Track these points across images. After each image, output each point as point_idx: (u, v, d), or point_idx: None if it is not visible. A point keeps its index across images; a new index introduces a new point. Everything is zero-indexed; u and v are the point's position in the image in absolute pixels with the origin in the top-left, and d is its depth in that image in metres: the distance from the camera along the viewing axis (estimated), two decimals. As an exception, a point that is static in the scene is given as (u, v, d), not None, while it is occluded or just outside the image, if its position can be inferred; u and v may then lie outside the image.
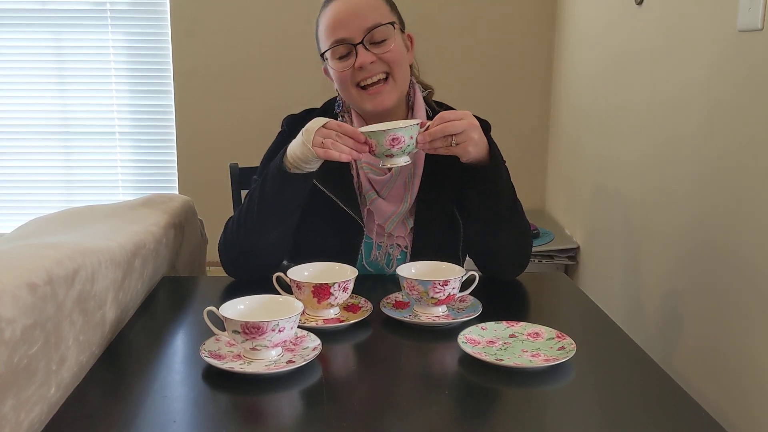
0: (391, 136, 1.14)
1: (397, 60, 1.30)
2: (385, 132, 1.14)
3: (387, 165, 1.19)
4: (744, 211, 1.30)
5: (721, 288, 1.38)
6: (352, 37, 1.27)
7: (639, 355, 1.01)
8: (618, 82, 2.03)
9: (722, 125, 1.39)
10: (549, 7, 2.80)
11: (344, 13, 1.28)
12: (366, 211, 1.35)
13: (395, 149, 1.15)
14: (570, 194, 2.57)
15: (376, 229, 1.35)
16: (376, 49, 1.28)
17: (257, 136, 2.86)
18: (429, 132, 1.17)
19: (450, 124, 1.17)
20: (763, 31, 1.24)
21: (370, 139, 1.15)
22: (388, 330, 1.09)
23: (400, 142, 1.15)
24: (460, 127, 1.17)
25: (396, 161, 1.17)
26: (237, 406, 0.85)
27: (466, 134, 1.18)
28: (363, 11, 1.28)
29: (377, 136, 1.15)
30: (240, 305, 0.97)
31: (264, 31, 2.83)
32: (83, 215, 1.28)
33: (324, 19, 1.33)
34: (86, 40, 2.92)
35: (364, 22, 1.27)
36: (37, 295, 0.78)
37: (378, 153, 1.17)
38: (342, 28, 1.28)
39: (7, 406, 0.72)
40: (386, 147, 1.15)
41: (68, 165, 3.05)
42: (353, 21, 1.27)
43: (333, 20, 1.30)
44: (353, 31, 1.27)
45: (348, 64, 1.28)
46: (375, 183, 1.34)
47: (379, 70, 1.28)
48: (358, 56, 1.27)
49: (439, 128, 1.16)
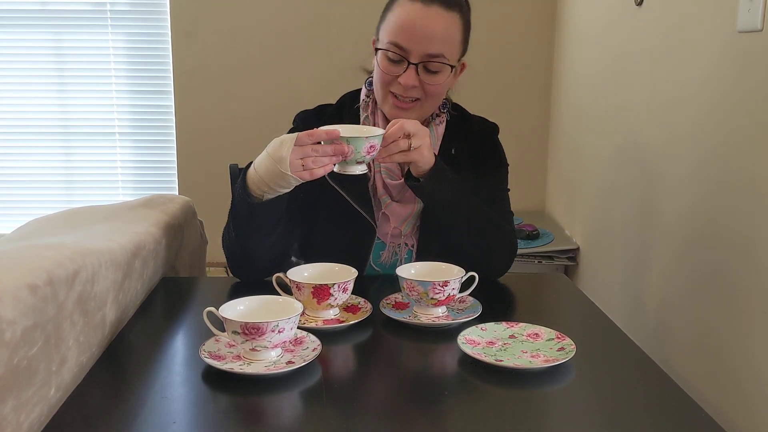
0: (369, 144, 1.11)
1: (436, 95, 1.29)
2: (366, 139, 1.10)
3: (346, 171, 1.13)
4: (744, 211, 1.30)
5: (721, 289, 1.38)
6: (410, 53, 1.23)
7: (638, 355, 1.01)
8: (618, 82, 2.03)
9: (722, 126, 1.39)
10: (549, 7, 2.80)
11: (420, 24, 1.22)
12: (380, 215, 1.35)
13: (368, 156, 1.12)
14: (570, 195, 2.57)
15: (391, 231, 1.35)
16: (424, 76, 1.25)
17: (257, 137, 2.85)
18: (389, 133, 1.13)
19: (405, 122, 1.14)
20: (762, 32, 1.24)
21: (348, 145, 1.10)
22: (388, 331, 1.09)
23: (374, 149, 1.12)
24: (413, 128, 1.14)
25: (355, 169, 1.13)
26: (237, 407, 0.85)
27: (419, 137, 1.15)
28: (435, 35, 1.23)
29: (356, 143, 1.10)
30: (240, 306, 0.97)
31: (264, 31, 2.83)
32: (83, 216, 1.28)
33: (400, 11, 1.25)
34: (86, 40, 2.92)
35: (429, 47, 1.23)
36: (38, 296, 0.78)
37: (350, 159, 1.11)
38: (408, 38, 1.23)
39: (7, 407, 0.72)
40: (362, 154, 1.11)
41: (68, 165, 3.04)
42: (421, 39, 1.22)
43: (404, 24, 1.23)
44: (415, 49, 1.23)
45: (395, 71, 1.25)
46: (391, 187, 1.34)
47: (415, 95, 1.26)
48: (405, 75, 1.24)
49: (396, 127, 1.13)
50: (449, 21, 1.24)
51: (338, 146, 1.09)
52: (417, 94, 1.27)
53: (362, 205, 1.32)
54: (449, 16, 1.24)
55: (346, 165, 1.13)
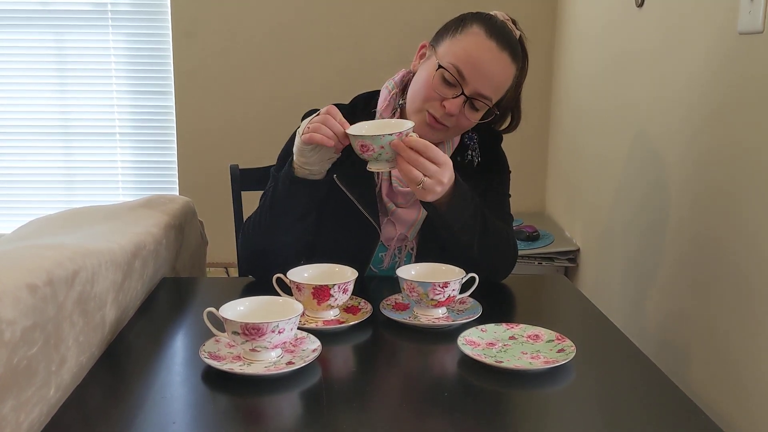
0: (359, 143, 1.11)
1: (464, 128, 1.31)
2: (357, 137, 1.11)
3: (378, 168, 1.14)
4: (744, 212, 1.30)
5: (722, 291, 1.38)
6: (467, 84, 1.24)
7: (638, 357, 1.01)
8: (618, 83, 2.03)
9: (723, 127, 1.39)
10: (549, 7, 2.80)
11: (485, 62, 1.24)
12: (385, 220, 1.35)
13: (365, 155, 1.12)
14: (570, 196, 2.57)
15: (397, 236, 1.35)
16: (466, 110, 1.26)
17: (258, 137, 2.88)
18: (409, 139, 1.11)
19: (426, 163, 1.11)
20: (763, 33, 1.24)
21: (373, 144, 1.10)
22: (388, 331, 1.09)
23: (368, 149, 1.11)
24: (432, 171, 1.12)
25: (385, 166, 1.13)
26: (236, 408, 0.85)
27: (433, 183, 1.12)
28: (496, 78, 1.26)
29: (375, 142, 1.10)
30: (240, 306, 0.97)
31: (264, 31, 2.83)
32: (83, 216, 1.28)
33: (472, 39, 1.25)
34: (87, 40, 2.92)
35: (485, 87, 1.25)
36: (38, 297, 0.78)
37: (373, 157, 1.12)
38: (472, 70, 1.23)
39: (6, 407, 0.72)
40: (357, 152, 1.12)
41: (68, 165, 3.05)
42: (483, 77, 1.24)
43: (474, 57, 1.24)
44: (473, 82, 1.24)
45: (443, 92, 1.25)
46: (399, 194, 1.34)
47: (447, 122, 1.27)
48: (453, 102, 1.24)
49: (414, 158, 1.11)
50: (510, 71, 1.29)
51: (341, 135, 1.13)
52: (450, 123, 1.27)
53: (368, 209, 1.32)
54: (512, 67, 1.29)
55: (375, 163, 1.13)
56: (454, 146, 1.38)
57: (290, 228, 1.26)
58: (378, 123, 1.23)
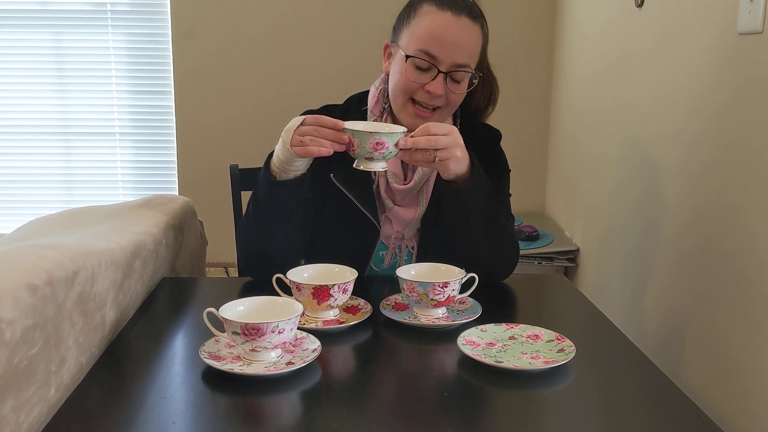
0: (375, 140, 1.10)
1: (456, 103, 1.30)
2: (371, 135, 1.10)
3: (362, 167, 1.14)
4: (744, 213, 1.30)
5: (721, 290, 1.38)
6: (441, 62, 1.24)
7: (638, 357, 1.01)
8: (618, 83, 2.03)
9: (722, 128, 1.39)
10: (549, 7, 2.80)
11: (452, 35, 1.23)
12: (383, 218, 1.35)
13: (376, 153, 1.11)
14: (570, 196, 2.57)
15: (394, 234, 1.36)
16: (450, 85, 1.26)
17: (257, 137, 2.88)
18: (413, 140, 1.13)
19: (435, 139, 1.13)
20: (763, 34, 1.24)
21: (353, 138, 1.11)
22: (388, 332, 1.09)
23: (382, 147, 1.11)
24: (444, 143, 1.13)
25: (373, 165, 1.13)
26: (236, 408, 0.85)
27: (450, 150, 1.14)
28: (465, 44, 1.25)
29: (361, 137, 1.11)
30: (240, 306, 0.97)
31: (264, 31, 2.83)
32: (83, 216, 1.28)
33: (429, 19, 1.25)
34: (87, 40, 2.92)
35: (458, 57, 1.24)
36: (38, 297, 0.78)
37: (357, 154, 1.13)
38: (440, 48, 1.23)
39: (6, 407, 0.72)
40: (368, 150, 1.11)
41: (68, 165, 3.05)
42: (452, 48, 1.23)
43: (437, 33, 1.23)
44: (446, 57, 1.24)
45: (422, 79, 1.25)
46: (397, 192, 1.34)
47: (439, 103, 1.27)
48: (434, 83, 1.24)
49: (424, 140, 1.12)
50: (475, 32, 1.28)
51: (339, 135, 1.12)
52: (440, 103, 1.27)
53: (366, 207, 1.32)
54: (475, 27, 1.28)
55: (361, 160, 1.14)
56: None
57: (280, 228, 1.26)
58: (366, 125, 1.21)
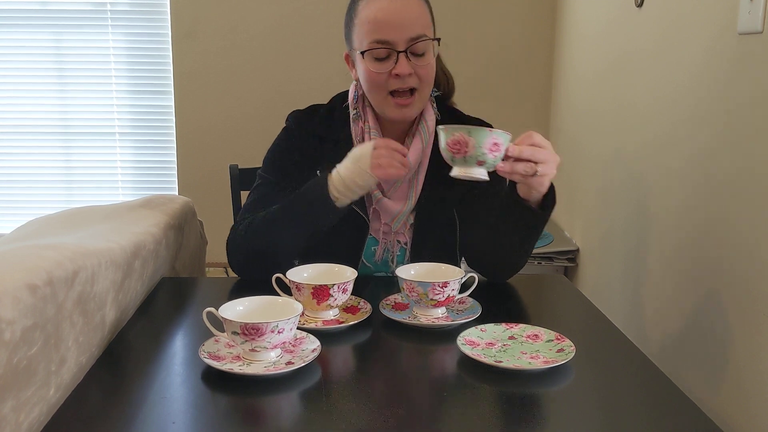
0: (493, 139, 0.99)
1: (429, 77, 1.29)
2: (491, 133, 0.99)
3: (463, 174, 1.03)
4: (743, 213, 1.30)
5: (721, 290, 1.38)
6: (395, 43, 1.24)
7: (638, 357, 1.01)
8: (618, 83, 2.03)
9: (722, 127, 1.39)
10: (549, 7, 2.80)
11: (395, 14, 1.23)
12: (371, 210, 1.35)
13: (490, 155, 1.00)
14: (570, 196, 2.57)
15: (382, 228, 1.36)
16: (415, 61, 1.25)
17: (257, 137, 2.87)
18: (519, 148, 1.05)
19: (539, 150, 1.07)
20: (763, 33, 1.24)
21: (469, 137, 0.99)
22: (388, 331, 1.09)
23: (497, 149, 1.00)
24: (545, 156, 1.08)
25: (477, 172, 1.02)
26: (236, 408, 0.85)
27: (549, 166, 1.09)
28: (411, 18, 1.24)
29: (479, 136, 0.99)
30: (239, 306, 0.97)
31: (264, 31, 2.83)
32: (83, 216, 1.28)
33: (369, 11, 1.25)
34: (86, 40, 2.92)
35: (410, 31, 1.24)
36: (37, 297, 0.78)
37: (469, 156, 1.00)
38: (389, 29, 1.23)
39: (6, 407, 0.72)
40: (484, 150, 0.99)
41: (68, 165, 3.05)
42: (400, 26, 1.23)
43: (380, 19, 1.24)
44: (399, 37, 1.24)
45: (385, 67, 1.25)
46: (383, 183, 1.34)
47: (411, 83, 1.27)
48: (399, 64, 1.24)
49: (529, 150, 1.06)
50: (416, 3, 1.26)
51: (458, 138, 1.01)
52: (414, 83, 1.27)
53: (354, 201, 1.32)
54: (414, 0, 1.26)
55: (466, 164, 1.02)
56: (430, 133, 1.35)
57: (299, 239, 1.26)
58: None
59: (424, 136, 1.34)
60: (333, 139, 1.36)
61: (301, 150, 1.37)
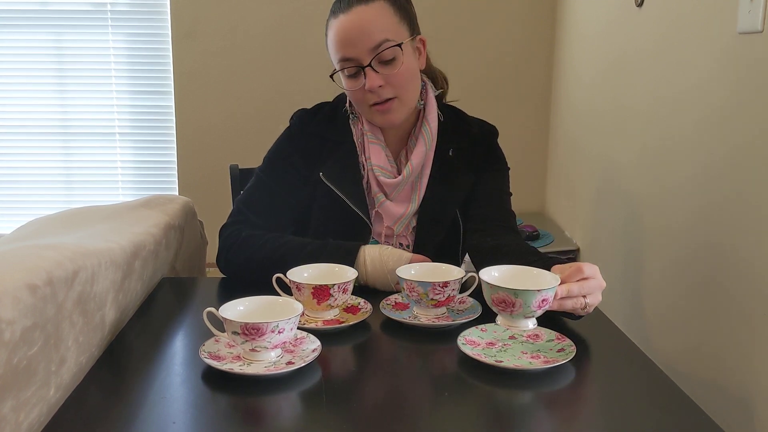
0: (542, 297, 0.93)
1: (405, 82, 1.27)
2: (538, 293, 0.92)
3: (512, 327, 0.97)
4: (744, 213, 1.30)
5: (721, 289, 1.38)
6: (359, 58, 1.24)
7: (638, 356, 1.01)
8: (618, 83, 2.03)
9: (722, 127, 1.39)
10: (549, 8, 2.80)
11: (350, 29, 1.23)
12: (374, 213, 1.35)
13: (539, 311, 0.94)
14: (570, 196, 2.57)
15: (384, 231, 1.36)
16: (385, 70, 1.25)
17: (258, 137, 2.87)
18: (568, 289, 0.99)
19: (587, 284, 1.01)
20: (763, 33, 1.24)
21: (516, 299, 0.93)
22: (388, 331, 1.09)
23: (546, 303, 0.94)
24: (593, 287, 1.02)
25: (526, 324, 0.96)
26: (236, 408, 0.85)
27: (596, 296, 1.04)
28: (369, 28, 1.23)
29: (526, 297, 0.92)
30: (239, 306, 0.97)
31: (264, 31, 2.83)
32: (83, 216, 1.28)
33: (332, 31, 1.27)
34: (87, 40, 2.92)
35: (370, 42, 1.23)
36: (37, 297, 0.78)
37: (516, 314, 0.94)
38: (349, 46, 1.24)
39: (6, 407, 0.72)
40: (533, 309, 0.93)
41: (68, 166, 3.05)
42: (359, 40, 1.23)
43: (340, 36, 1.25)
44: (360, 51, 1.23)
45: (358, 83, 1.26)
46: (385, 186, 1.34)
47: (387, 94, 1.26)
48: (367, 79, 1.24)
49: (577, 287, 0.99)
50: (374, 9, 1.23)
51: (503, 298, 0.95)
52: (389, 93, 1.27)
53: (357, 204, 1.32)
54: (372, 6, 1.24)
55: (512, 319, 0.96)
56: (433, 135, 1.35)
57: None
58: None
59: (427, 139, 1.34)
60: (335, 140, 1.36)
61: (302, 151, 1.36)
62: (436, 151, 1.35)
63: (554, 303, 0.97)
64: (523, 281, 0.99)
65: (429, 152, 1.34)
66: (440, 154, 1.35)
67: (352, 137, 1.36)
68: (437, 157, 1.35)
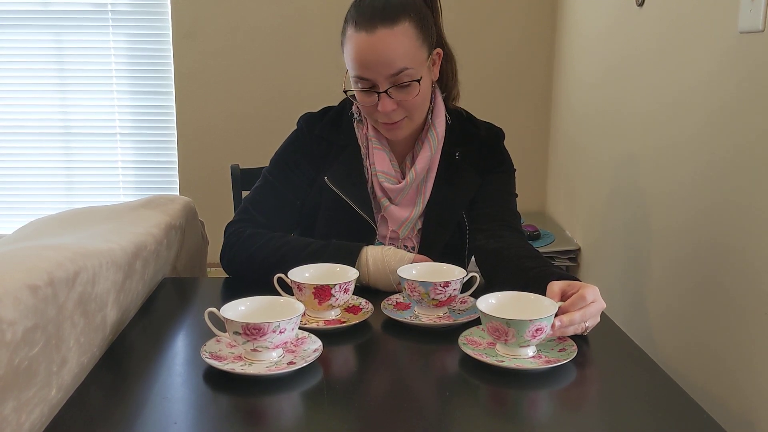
0: (535, 327, 0.93)
1: (419, 106, 1.27)
2: (531, 323, 0.92)
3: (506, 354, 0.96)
4: (744, 213, 1.30)
5: (722, 289, 1.38)
6: (376, 82, 1.22)
7: (639, 356, 1.01)
8: (619, 84, 2.03)
9: (723, 127, 1.39)
10: (549, 8, 2.80)
11: (370, 53, 1.20)
12: (379, 217, 1.35)
13: (534, 340, 0.94)
14: (570, 196, 2.57)
15: (389, 234, 1.36)
16: (400, 95, 1.23)
17: (258, 137, 2.88)
18: (569, 319, 0.97)
19: (587, 310, 1.00)
20: (764, 32, 1.24)
21: (508, 328, 0.93)
22: (389, 331, 1.09)
23: (541, 332, 0.94)
24: (594, 311, 1.01)
25: (522, 353, 0.96)
26: (238, 408, 0.85)
27: (596, 318, 1.04)
28: (390, 57, 1.19)
29: (519, 326, 0.92)
30: (241, 306, 0.97)
31: (265, 31, 2.83)
32: (84, 216, 1.28)
33: (350, 45, 1.23)
34: (87, 41, 2.92)
35: (389, 69, 1.20)
36: (39, 297, 0.78)
37: (511, 344, 0.95)
38: (367, 69, 1.21)
39: (8, 408, 0.72)
40: (526, 338, 0.93)
41: (69, 166, 3.05)
42: (379, 65, 1.20)
43: (358, 57, 1.21)
44: (378, 76, 1.21)
45: (371, 100, 1.25)
46: (389, 191, 1.34)
47: (398, 116, 1.26)
48: (381, 103, 1.23)
49: (579, 315, 0.98)
50: (398, 36, 1.20)
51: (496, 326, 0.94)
52: (400, 115, 1.26)
53: (362, 208, 1.32)
54: (396, 31, 1.20)
55: (508, 348, 0.96)
56: (440, 137, 1.35)
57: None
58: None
59: (432, 144, 1.34)
60: (340, 144, 1.36)
61: (308, 154, 1.37)
62: (442, 154, 1.35)
63: (557, 331, 0.96)
64: (520, 308, 0.99)
65: (435, 156, 1.34)
66: (446, 157, 1.35)
67: (356, 141, 1.36)
68: (443, 160, 1.35)
